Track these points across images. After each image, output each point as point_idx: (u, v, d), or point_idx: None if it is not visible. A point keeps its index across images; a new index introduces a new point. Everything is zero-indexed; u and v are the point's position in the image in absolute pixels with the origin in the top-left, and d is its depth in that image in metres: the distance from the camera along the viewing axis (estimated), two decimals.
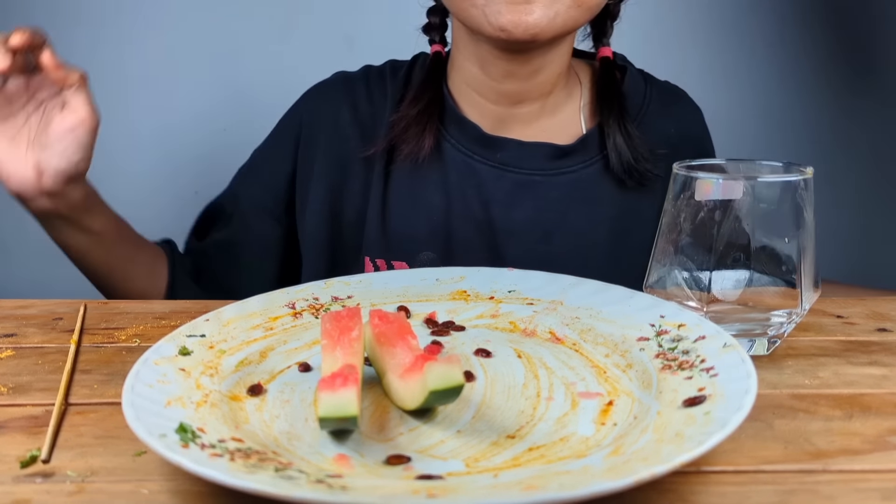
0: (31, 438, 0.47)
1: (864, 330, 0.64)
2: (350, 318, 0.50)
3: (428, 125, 0.81)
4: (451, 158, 0.83)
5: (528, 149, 0.82)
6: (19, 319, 0.68)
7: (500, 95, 0.82)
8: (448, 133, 0.84)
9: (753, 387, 0.43)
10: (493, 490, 0.37)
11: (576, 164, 0.82)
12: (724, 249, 0.55)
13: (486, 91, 0.82)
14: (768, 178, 0.55)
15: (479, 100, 0.83)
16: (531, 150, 0.82)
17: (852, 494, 0.40)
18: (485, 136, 0.82)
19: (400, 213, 0.84)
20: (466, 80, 0.83)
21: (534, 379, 0.52)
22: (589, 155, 0.83)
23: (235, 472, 0.37)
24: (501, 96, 0.82)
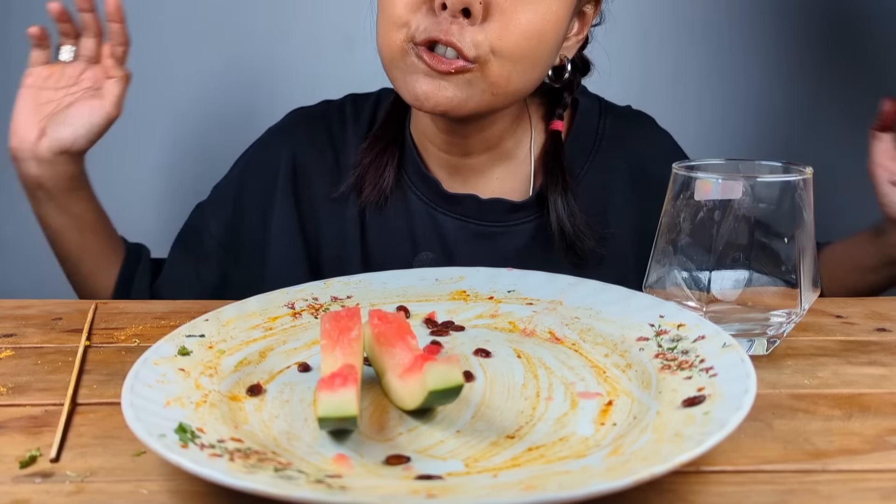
0: (31, 438, 0.47)
1: (863, 330, 0.64)
2: (349, 318, 0.50)
3: (386, 169, 0.83)
4: (415, 209, 0.85)
5: (484, 205, 0.83)
6: (19, 319, 0.68)
7: (450, 147, 0.83)
8: (413, 184, 0.85)
9: (753, 387, 0.43)
10: (492, 490, 0.37)
11: (531, 216, 0.84)
12: (723, 249, 0.55)
13: (436, 141, 0.83)
14: (768, 178, 0.55)
15: (432, 149, 0.84)
16: (488, 206, 0.83)
17: (851, 494, 0.40)
18: (445, 194, 0.84)
19: (377, 257, 0.85)
20: (422, 129, 0.84)
21: (533, 379, 0.52)
22: (542, 206, 0.84)
23: (235, 473, 0.37)
24: (450, 146, 0.83)
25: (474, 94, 0.71)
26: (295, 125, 0.92)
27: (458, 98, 0.71)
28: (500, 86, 0.71)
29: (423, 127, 0.84)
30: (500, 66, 0.70)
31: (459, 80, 0.70)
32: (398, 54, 0.72)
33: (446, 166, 0.85)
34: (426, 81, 0.71)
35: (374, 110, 0.90)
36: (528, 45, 0.71)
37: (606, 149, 0.86)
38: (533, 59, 0.72)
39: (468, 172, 0.85)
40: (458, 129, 0.80)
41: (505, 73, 0.71)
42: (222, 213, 0.91)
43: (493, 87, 0.71)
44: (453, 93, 0.71)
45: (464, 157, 0.84)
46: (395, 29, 0.71)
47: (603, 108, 0.89)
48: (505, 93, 0.73)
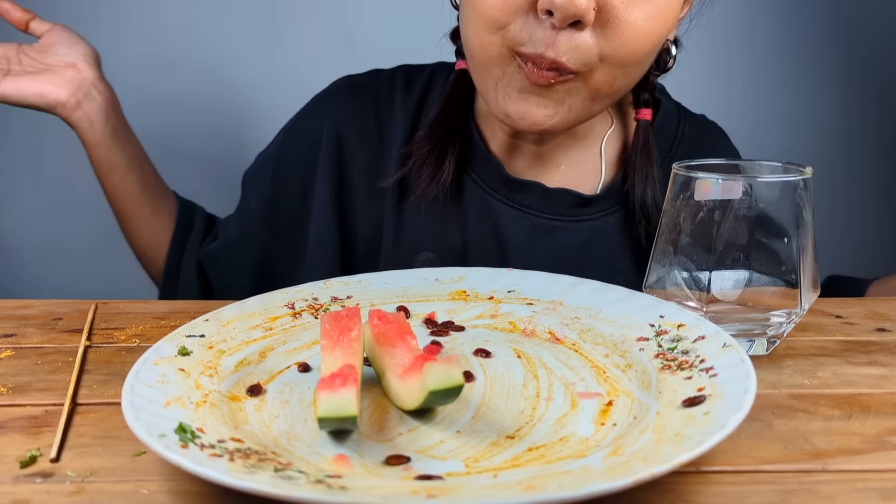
0: (31, 438, 0.47)
1: (863, 330, 0.64)
2: (349, 318, 0.50)
3: (447, 161, 0.76)
4: (470, 194, 0.79)
5: (550, 195, 0.77)
6: (19, 319, 0.68)
7: (519, 133, 0.77)
8: (471, 168, 0.79)
9: (753, 387, 0.43)
10: (492, 490, 0.37)
11: (597, 212, 0.78)
12: (723, 249, 0.55)
13: (504, 126, 0.77)
14: (768, 178, 0.55)
15: (498, 130, 0.79)
16: (553, 196, 0.78)
17: (851, 494, 0.40)
18: (509, 179, 0.78)
19: (416, 247, 0.80)
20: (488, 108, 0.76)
21: (533, 379, 0.52)
22: (611, 203, 0.79)
23: (235, 473, 0.37)
24: (520, 134, 0.77)
25: (574, 105, 0.66)
26: (340, 95, 0.86)
27: (558, 115, 0.66)
28: (601, 91, 0.66)
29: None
30: (607, 72, 0.65)
31: (559, 91, 0.65)
32: (495, 60, 0.65)
33: (510, 148, 0.79)
34: (521, 99, 0.65)
35: (426, 87, 0.83)
36: (641, 49, 0.65)
37: (682, 155, 0.82)
38: (640, 62, 0.67)
39: (533, 157, 0.79)
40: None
41: (610, 79, 0.65)
42: (262, 186, 0.87)
43: (594, 94, 0.66)
44: (553, 109, 0.65)
45: (537, 143, 0.78)
46: (491, 31, 0.64)
47: (682, 113, 0.85)
48: (605, 96, 0.67)
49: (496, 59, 0.65)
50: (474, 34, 0.66)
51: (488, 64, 0.66)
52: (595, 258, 0.78)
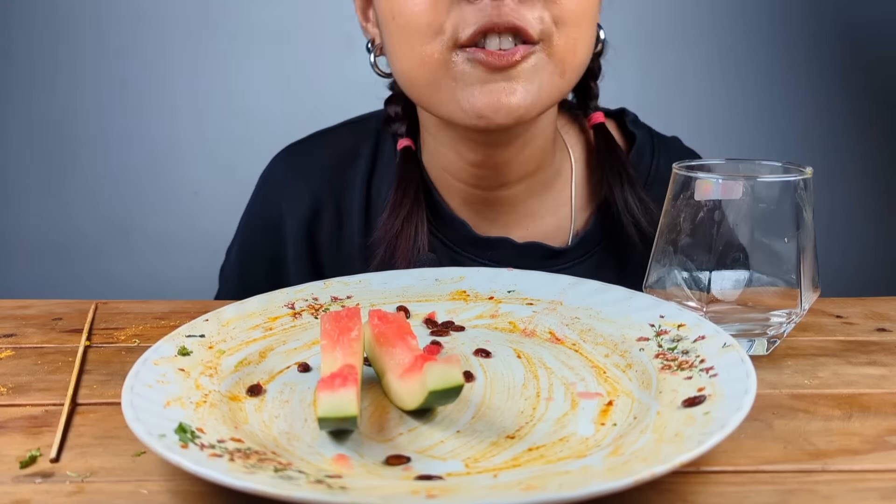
0: (31, 438, 0.47)
1: (863, 330, 0.64)
2: (349, 318, 0.50)
3: (418, 236, 0.73)
4: (439, 254, 0.76)
5: (520, 250, 0.75)
6: (19, 319, 0.68)
7: (480, 180, 0.73)
8: (435, 227, 0.76)
9: (753, 387, 0.43)
10: (492, 490, 0.37)
11: (570, 261, 0.76)
12: (723, 249, 0.55)
13: (463, 175, 0.74)
14: (768, 178, 0.55)
15: (458, 185, 0.75)
16: (525, 251, 0.75)
17: (851, 494, 0.40)
18: (476, 238, 0.75)
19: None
20: (442, 164, 0.75)
21: (533, 379, 0.52)
22: (586, 249, 0.76)
23: (235, 473, 0.37)
24: (482, 180, 0.73)
25: (545, 82, 0.63)
26: (285, 176, 0.82)
27: (531, 94, 0.62)
28: (567, 60, 0.63)
29: (445, 163, 0.74)
30: (566, 36, 0.62)
31: (527, 71, 0.61)
32: (440, 70, 0.62)
33: (474, 203, 0.75)
34: (487, 90, 0.61)
35: (375, 139, 0.81)
36: (588, 3, 0.63)
37: (658, 193, 0.75)
38: (592, 19, 0.64)
39: (500, 208, 0.76)
40: (496, 153, 0.71)
41: (571, 43, 0.62)
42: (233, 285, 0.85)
43: (562, 64, 0.63)
44: (524, 91, 0.61)
45: (497, 189, 0.74)
46: (427, 41, 0.61)
47: (656, 145, 0.81)
48: (573, 67, 0.64)
49: (442, 69, 0.62)
50: (409, 55, 0.63)
51: (435, 77, 0.63)
52: None
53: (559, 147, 0.77)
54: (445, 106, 0.64)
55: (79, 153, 1.70)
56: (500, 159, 0.71)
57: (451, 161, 0.73)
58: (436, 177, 0.76)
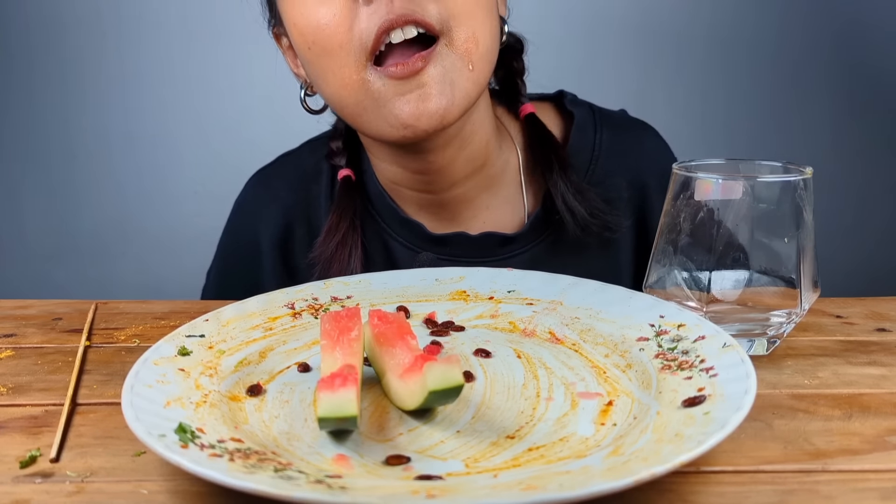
0: (31, 438, 0.47)
1: (863, 330, 0.64)
2: (349, 318, 0.50)
3: (351, 259, 0.76)
4: (401, 257, 0.79)
5: (476, 242, 0.77)
6: (19, 319, 0.68)
7: (429, 185, 0.76)
8: (393, 233, 0.79)
9: (753, 387, 0.43)
10: (492, 490, 0.37)
11: (527, 245, 0.78)
12: (723, 249, 0.55)
13: (412, 183, 0.77)
14: (768, 178, 0.55)
15: (409, 193, 0.78)
16: (479, 242, 0.77)
17: (851, 494, 0.40)
18: (431, 236, 0.78)
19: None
20: (390, 178, 0.78)
21: (533, 379, 0.52)
22: (538, 233, 0.78)
23: (235, 473, 0.37)
24: (431, 185, 0.76)
25: (456, 78, 0.65)
26: (257, 199, 0.86)
27: (446, 95, 0.64)
28: (471, 51, 0.65)
29: (392, 176, 0.77)
30: (464, 27, 0.64)
31: (435, 73, 0.64)
32: (359, 92, 0.65)
33: (429, 206, 0.78)
34: (405, 101, 0.64)
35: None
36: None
37: (604, 165, 0.80)
38: (486, 11, 0.67)
39: (455, 207, 0.78)
40: (436, 159, 0.73)
41: (470, 34, 0.65)
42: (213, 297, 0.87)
43: (468, 56, 0.65)
44: (438, 93, 0.64)
45: (448, 189, 0.77)
46: (343, 62, 0.65)
47: (598, 119, 0.83)
48: (480, 57, 0.66)
49: (361, 90, 0.65)
50: (333, 79, 0.66)
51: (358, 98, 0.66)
52: None
53: (504, 140, 0.79)
54: (374, 124, 0.67)
55: (79, 153, 1.70)
56: (442, 163, 0.73)
57: (396, 173, 0.76)
58: (389, 188, 0.79)
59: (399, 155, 0.74)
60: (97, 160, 1.71)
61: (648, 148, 0.84)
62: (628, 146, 0.82)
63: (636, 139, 0.84)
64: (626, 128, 0.84)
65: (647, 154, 0.83)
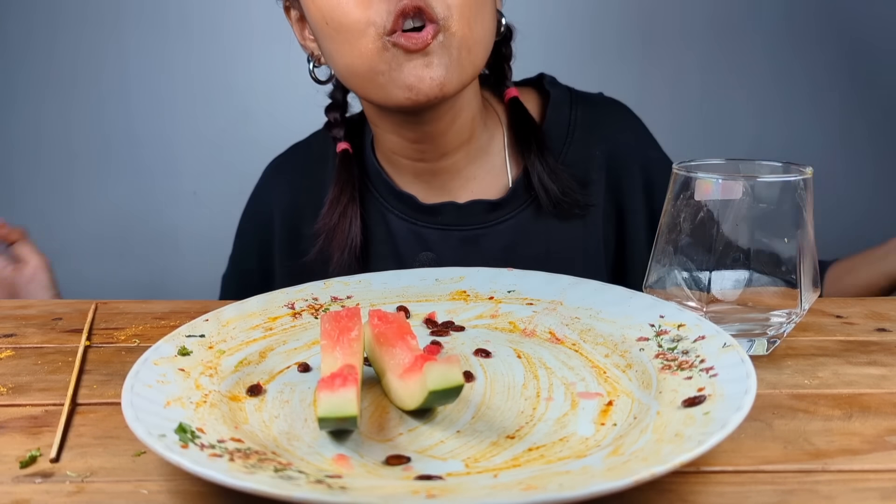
0: (31, 438, 0.47)
1: (863, 330, 0.64)
2: (349, 318, 0.50)
3: (351, 229, 0.84)
4: (397, 228, 0.86)
5: (464, 209, 0.85)
6: (19, 319, 0.68)
7: (424, 153, 0.84)
8: (389, 206, 0.87)
9: (753, 387, 0.43)
10: (492, 490, 0.37)
11: (512, 211, 0.85)
12: (723, 249, 0.55)
13: (409, 152, 0.84)
14: (768, 178, 0.55)
15: (405, 162, 0.85)
16: (467, 209, 0.85)
17: (851, 494, 0.40)
18: (422, 206, 0.86)
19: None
20: (390, 148, 0.85)
21: (533, 379, 0.52)
22: (522, 200, 0.86)
23: (235, 473, 0.37)
24: (425, 154, 0.84)
25: (454, 57, 0.73)
26: (271, 184, 0.94)
27: (445, 68, 0.72)
28: (468, 37, 0.73)
29: (391, 144, 0.85)
30: (461, 17, 0.72)
31: (439, 51, 0.72)
32: (376, 58, 0.72)
33: (422, 175, 0.86)
34: (411, 68, 0.72)
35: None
36: None
37: (580, 139, 0.87)
38: (482, 5, 0.75)
39: (445, 177, 0.86)
40: (430, 127, 0.81)
41: (467, 22, 0.73)
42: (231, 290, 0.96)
43: (464, 41, 0.73)
44: (439, 65, 0.72)
45: (439, 159, 0.85)
46: (360, 36, 0.72)
47: (574, 98, 0.90)
48: (476, 42, 0.75)
49: (378, 55, 0.72)
50: (349, 52, 0.74)
51: (373, 66, 0.73)
52: (521, 253, 0.85)
53: (490, 117, 0.88)
54: (382, 88, 0.74)
55: (79, 153, 1.70)
56: (435, 131, 0.81)
57: (396, 143, 0.84)
58: (387, 161, 0.88)
59: (400, 125, 0.81)
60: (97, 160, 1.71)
61: (620, 121, 0.91)
62: (601, 119, 0.89)
63: (609, 113, 0.91)
64: (600, 104, 0.92)
65: (620, 127, 0.90)
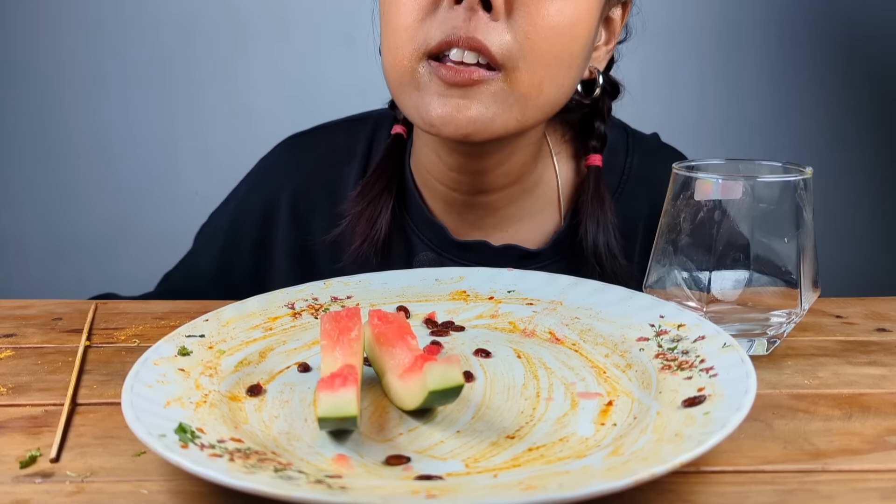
0: (31, 438, 0.47)
1: (863, 330, 0.64)
2: (349, 318, 0.50)
3: (379, 219, 0.75)
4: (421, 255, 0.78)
5: (497, 253, 0.76)
6: (19, 319, 0.68)
7: (460, 184, 0.75)
8: (416, 229, 0.78)
9: (753, 387, 0.43)
10: (492, 490, 0.37)
11: (545, 261, 0.77)
12: (723, 249, 0.55)
13: (444, 179, 0.75)
14: (768, 178, 0.55)
15: (440, 188, 0.76)
16: (501, 254, 0.76)
17: (851, 494, 0.40)
18: (454, 241, 0.77)
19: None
20: (426, 166, 0.76)
21: (533, 379, 0.52)
22: (560, 251, 0.78)
23: (235, 473, 0.37)
24: (461, 185, 0.75)
25: (501, 112, 0.63)
26: (287, 161, 0.85)
27: (484, 117, 0.62)
28: (531, 97, 0.63)
29: (427, 164, 0.76)
30: (531, 71, 0.62)
31: (483, 95, 0.62)
32: (406, 75, 0.64)
33: (456, 206, 0.77)
34: (442, 103, 0.62)
35: (369, 145, 0.83)
36: (559, 42, 0.62)
37: (631, 191, 0.79)
38: (565, 62, 0.64)
39: (481, 212, 0.77)
40: (473, 163, 0.71)
41: (536, 81, 0.62)
42: (213, 253, 0.86)
43: (523, 100, 0.63)
44: (477, 111, 0.62)
45: (477, 195, 0.75)
46: (402, 44, 0.63)
47: (631, 143, 0.81)
48: (536, 105, 0.64)
49: (409, 73, 0.64)
50: (388, 54, 0.66)
51: (402, 80, 0.65)
52: None
53: (543, 155, 0.78)
54: (408, 109, 0.66)
55: (79, 153, 1.70)
56: (477, 168, 0.72)
57: (433, 163, 0.75)
58: (421, 180, 0.78)
59: (439, 145, 0.72)
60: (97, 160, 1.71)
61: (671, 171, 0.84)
62: (655, 173, 0.79)
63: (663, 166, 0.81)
64: (655, 154, 0.83)
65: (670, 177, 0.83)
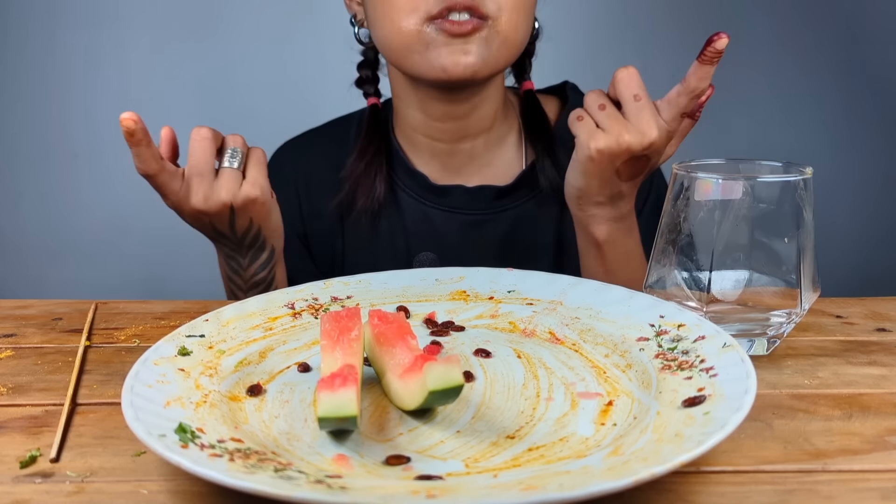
0: (31, 438, 0.47)
1: (863, 330, 0.64)
2: (349, 318, 0.50)
3: (377, 177, 0.88)
4: (406, 205, 0.90)
5: (472, 193, 0.89)
6: (19, 319, 0.68)
7: (444, 133, 0.87)
8: (402, 183, 0.90)
9: (753, 387, 0.43)
10: (492, 490, 0.37)
11: (518, 201, 0.89)
12: (723, 249, 0.55)
13: (430, 131, 0.88)
14: (768, 177, 0.55)
15: (424, 140, 0.89)
16: (475, 193, 0.89)
17: (851, 494, 0.40)
18: (433, 187, 0.89)
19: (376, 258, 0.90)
20: (411, 125, 0.88)
21: (533, 379, 0.52)
22: (528, 190, 0.89)
23: (235, 473, 0.37)
24: (445, 134, 0.87)
25: (493, 50, 0.77)
26: (292, 154, 0.96)
27: (482, 58, 0.77)
28: (510, 37, 0.78)
29: (413, 121, 0.88)
30: (509, 17, 0.77)
31: (478, 41, 0.76)
32: (414, 38, 0.76)
33: (438, 156, 0.89)
34: (449, 51, 0.76)
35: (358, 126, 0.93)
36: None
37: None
38: (529, 9, 0.80)
39: (460, 160, 0.89)
40: (457, 108, 0.84)
41: (513, 23, 0.78)
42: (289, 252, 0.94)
43: (506, 40, 0.78)
44: (476, 55, 0.76)
45: (458, 141, 0.88)
46: (405, 15, 0.76)
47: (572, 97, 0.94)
48: (514, 44, 0.79)
49: (416, 36, 0.76)
50: (391, 26, 0.77)
51: (410, 43, 0.77)
52: (520, 241, 0.89)
53: (509, 110, 0.92)
54: (417, 65, 0.78)
55: (78, 153, 1.70)
56: (459, 112, 0.86)
57: (419, 119, 0.88)
58: (406, 138, 0.90)
59: (426, 101, 0.85)
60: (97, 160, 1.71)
61: None
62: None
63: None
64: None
65: None
